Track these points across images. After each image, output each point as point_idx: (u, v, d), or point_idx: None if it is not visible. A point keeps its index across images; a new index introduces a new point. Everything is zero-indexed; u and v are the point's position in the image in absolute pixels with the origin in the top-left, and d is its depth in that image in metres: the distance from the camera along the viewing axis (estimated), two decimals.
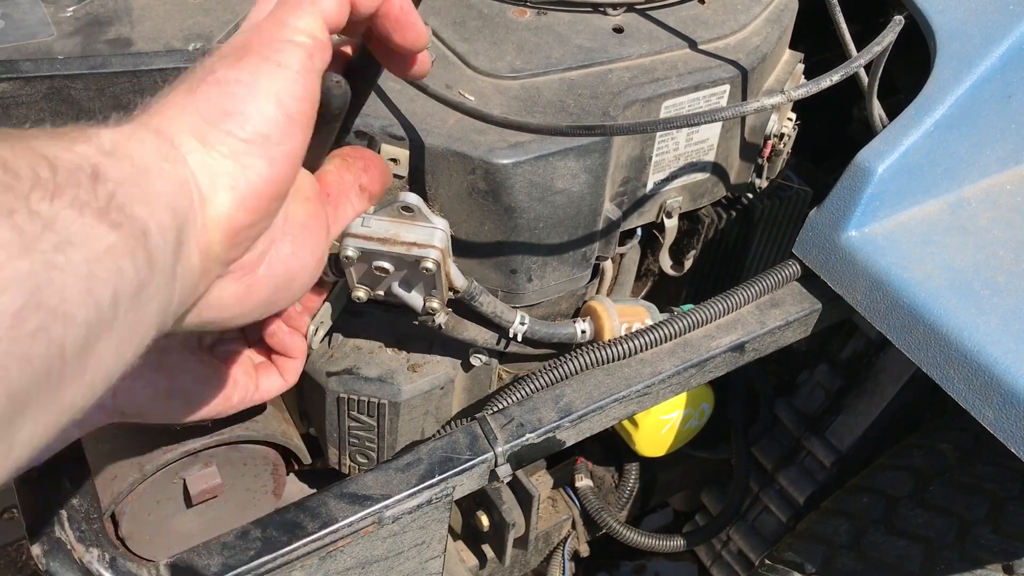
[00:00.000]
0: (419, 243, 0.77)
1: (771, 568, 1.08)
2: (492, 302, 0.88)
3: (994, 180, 0.98)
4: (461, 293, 0.85)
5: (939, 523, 1.01)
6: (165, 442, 0.80)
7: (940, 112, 0.91)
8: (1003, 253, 0.89)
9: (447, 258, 0.80)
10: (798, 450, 1.31)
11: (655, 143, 0.93)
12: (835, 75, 0.84)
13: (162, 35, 0.80)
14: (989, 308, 0.83)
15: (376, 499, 0.73)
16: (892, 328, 0.86)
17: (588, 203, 0.89)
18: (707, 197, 1.04)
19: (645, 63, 0.91)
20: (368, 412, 0.93)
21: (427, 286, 0.82)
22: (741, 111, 0.81)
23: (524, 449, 0.80)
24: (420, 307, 0.84)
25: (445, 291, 0.83)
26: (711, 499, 1.43)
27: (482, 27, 0.92)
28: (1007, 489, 1.02)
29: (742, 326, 0.91)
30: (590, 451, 1.29)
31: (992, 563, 0.95)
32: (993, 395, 0.79)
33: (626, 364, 0.86)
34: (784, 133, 1.05)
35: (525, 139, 0.82)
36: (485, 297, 0.87)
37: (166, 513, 0.83)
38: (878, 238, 0.90)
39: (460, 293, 0.85)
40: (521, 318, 0.90)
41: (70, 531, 0.65)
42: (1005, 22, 0.95)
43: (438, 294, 0.82)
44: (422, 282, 0.81)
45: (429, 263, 0.77)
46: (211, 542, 0.69)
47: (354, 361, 0.93)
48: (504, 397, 0.83)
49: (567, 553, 1.26)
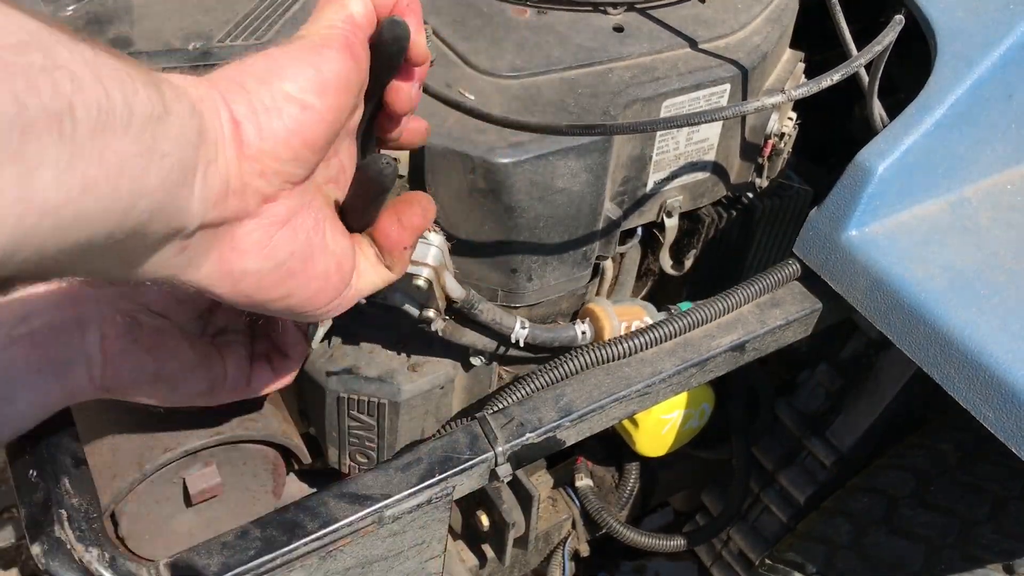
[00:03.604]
0: (413, 260, 0.77)
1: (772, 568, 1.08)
2: (491, 309, 0.88)
3: (995, 180, 0.98)
4: (460, 303, 0.85)
5: (940, 523, 1.01)
6: (165, 442, 0.80)
7: (940, 111, 0.90)
8: (1003, 253, 0.89)
9: (442, 273, 0.80)
10: (799, 450, 1.30)
11: (655, 142, 0.92)
12: (835, 75, 0.84)
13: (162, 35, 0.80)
14: (989, 308, 0.83)
15: (376, 499, 0.73)
16: (892, 328, 0.86)
17: (588, 202, 0.89)
18: (707, 196, 1.04)
19: (645, 62, 0.91)
20: (368, 412, 0.93)
21: (422, 298, 0.82)
22: (741, 110, 0.81)
23: (524, 449, 0.80)
24: (416, 316, 0.84)
25: (441, 303, 0.83)
26: (711, 499, 1.43)
27: (482, 26, 0.92)
28: (1008, 489, 1.02)
29: (742, 326, 0.91)
30: (590, 451, 1.29)
31: (993, 563, 0.95)
32: (993, 395, 0.79)
33: (626, 364, 0.86)
34: (784, 132, 1.05)
35: (525, 138, 0.82)
36: (484, 305, 0.87)
37: (166, 513, 0.83)
38: (878, 238, 0.90)
39: (459, 303, 0.85)
40: (521, 323, 0.90)
41: (70, 531, 0.65)
42: (1005, 21, 0.95)
43: (433, 304, 0.82)
44: (414, 295, 0.81)
45: (420, 281, 0.77)
46: (211, 542, 0.69)
47: (354, 361, 0.92)
48: (504, 397, 0.83)
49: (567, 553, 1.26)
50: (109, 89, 0.40)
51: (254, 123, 0.51)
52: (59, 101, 0.37)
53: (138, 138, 0.41)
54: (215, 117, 0.49)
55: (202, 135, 0.47)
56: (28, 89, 0.35)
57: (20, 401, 0.64)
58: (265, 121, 0.51)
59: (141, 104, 0.42)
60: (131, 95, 0.41)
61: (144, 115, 0.42)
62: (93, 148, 0.39)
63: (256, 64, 0.53)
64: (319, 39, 0.55)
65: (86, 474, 0.69)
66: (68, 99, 0.37)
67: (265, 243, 0.54)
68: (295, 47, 0.54)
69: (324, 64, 0.54)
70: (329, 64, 0.54)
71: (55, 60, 0.37)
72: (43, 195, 0.37)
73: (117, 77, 0.40)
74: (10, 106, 0.34)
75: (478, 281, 0.91)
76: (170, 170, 0.44)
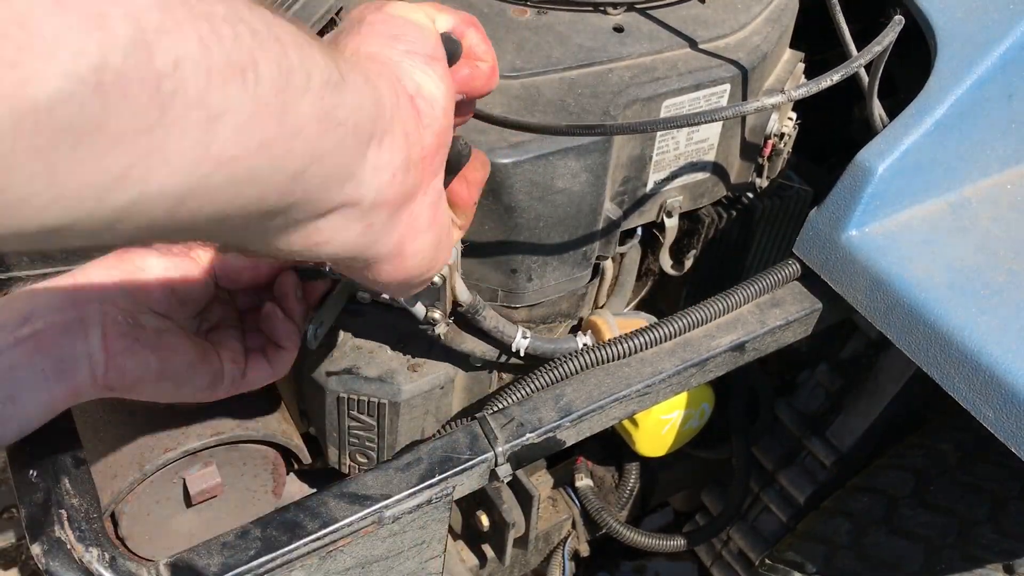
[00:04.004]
0: None
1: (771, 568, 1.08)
2: (494, 317, 0.88)
3: (995, 180, 0.98)
4: (465, 307, 0.85)
5: (940, 523, 1.01)
6: (165, 442, 0.80)
7: (940, 112, 0.90)
8: (1003, 253, 0.89)
9: (454, 272, 0.80)
10: (798, 450, 1.30)
11: (655, 142, 0.92)
12: (835, 75, 0.84)
13: None
14: (989, 308, 0.83)
15: (376, 499, 0.73)
16: (892, 328, 0.86)
17: (588, 202, 0.89)
18: (707, 197, 1.04)
19: (645, 62, 0.91)
20: (368, 412, 0.93)
21: (430, 296, 0.82)
22: (741, 111, 0.81)
23: (524, 449, 0.80)
24: (422, 316, 0.84)
25: (448, 303, 0.83)
26: (711, 499, 1.43)
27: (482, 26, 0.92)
28: (1008, 489, 1.02)
29: (742, 326, 0.91)
30: (590, 451, 1.29)
31: (993, 563, 0.95)
32: (993, 394, 0.79)
33: (626, 364, 0.86)
34: (784, 132, 1.05)
35: (525, 138, 0.82)
36: (488, 312, 0.87)
37: (166, 513, 0.83)
38: (878, 238, 0.90)
39: (464, 307, 0.85)
40: (523, 334, 0.90)
41: (70, 531, 0.65)
42: (1005, 21, 0.95)
43: (440, 305, 0.82)
44: (426, 292, 0.81)
45: (436, 276, 0.77)
46: (211, 542, 0.69)
47: (354, 361, 0.92)
48: (504, 397, 0.83)
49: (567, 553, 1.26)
50: (288, 50, 0.39)
51: (426, 98, 0.52)
52: (241, 53, 0.36)
53: (316, 103, 0.41)
54: (391, 90, 0.50)
55: (378, 106, 0.48)
56: (212, 34, 0.35)
57: (25, 402, 0.64)
58: (431, 94, 0.53)
59: (319, 70, 0.42)
60: (308, 59, 0.41)
61: (321, 81, 0.42)
62: (274, 106, 0.38)
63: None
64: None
65: (86, 474, 0.69)
66: (251, 53, 0.37)
67: (433, 219, 0.56)
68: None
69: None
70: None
71: (237, 13, 0.37)
72: (221, 146, 0.37)
73: (295, 41, 0.40)
74: (195, 47, 0.34)
75: (478, 281, 0.91)
76: (344, 137, 0.44)
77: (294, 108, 0.40)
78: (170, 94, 0.33)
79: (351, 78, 0.45)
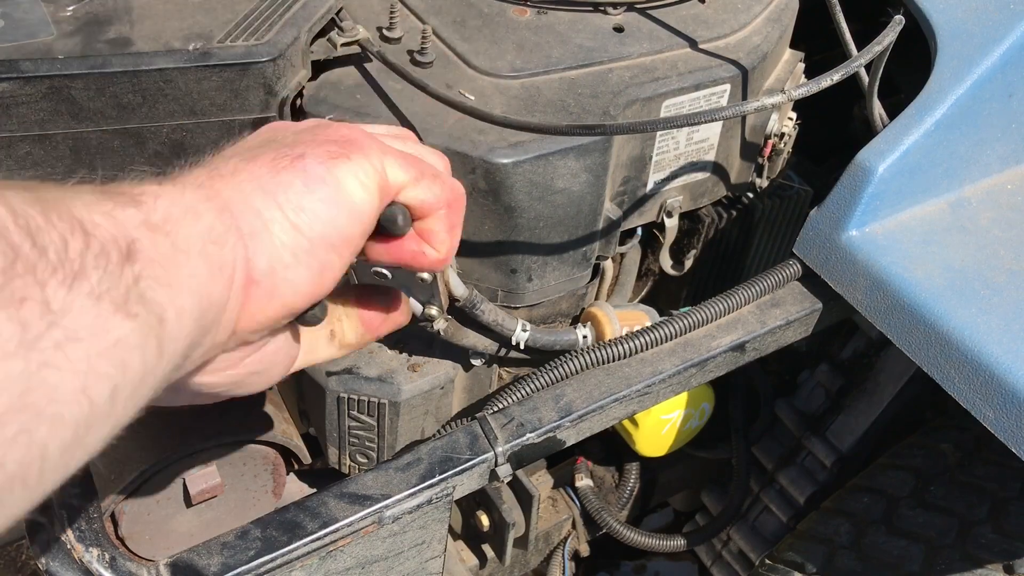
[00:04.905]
0: None
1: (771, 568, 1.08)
2: (493, 310, 0.88)
3: (995, 180, 0.98)
4: (462, 301, 0.85)
5: (940, 523, 1.01)
6: (165, 442, 0.80)
7: (941, 111, 0.90)
8: (1003, 253, 0.89)
9: (447, 268, 0.80)
10: (798, 450, 1.30)
11: (655, 142, 0.92)
12: (835, 75, 0.84)
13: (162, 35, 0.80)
14: (989, 308, 0.83)
15: (376, 499, 0.73)
16: (892, 328, 0.86)
17: (588, 202, 0.89)
18: (707, 197, 1.04)
19: (645, 62, 0.91)
20: (368, 412, 0.93)
21: (425, 293, 0.82)
22: (741, 110, 0.81)
23: (524, 449, 0.80)
24: (419, 313, 0.84)
25: (444, 299, 0.83)
26: (711, 499, 1.43)
27: (482, 26, 0.92)
28: (1008, 489, 1.02)
29: (742, 326, 0.91)
30: (590, 451, 1.29)
31: (992, 563, 0.95)
32: (993, 394, 0.79)
33: (626, 364, 0.86)
34: (784, 132, 1.05)
35: (525, 138, 0.82)
36: (486, 305, 0.87)
37: (166, 513, 0.83)
38: (879, 238, 0.90)
39: (461, 301, 0.85)
40: (523, 326, 0.90)
41: (70, 531, 0.65)
42: (1005, 21, 0.95)
43: (436, 302, 0.82)
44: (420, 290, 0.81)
45: (425, 273, 0.77)
46: (211, 542, 0.69)
47: (354, 361, 0.92)
48: (504, 397, 0.83)
49: (567, 553, 1.26)
50: (93, 393, 0.37)
51: (264, 287, 0.49)
52: (30, 458, 0.35)
53: (117, 415, 0.40)
54: (224, 295, 0.47)
55: (200, 332, 0.46)
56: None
57: None
58: (279, 282, 0.50)
59: (129, 377, 0.39)
60: (120, 375, 0.39)
61: (129, 391, 0.40)
62: (63, 463, 0.37)
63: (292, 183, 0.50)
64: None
65: (86, 474, 0.69)
66: (42, 447, 0.35)
67: (234, 364, 0.54)
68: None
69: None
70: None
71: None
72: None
73: (106, 366, 0.38)
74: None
75: (478, 281, 0.91)
76: (149, 394, 0.43)
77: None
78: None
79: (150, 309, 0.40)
